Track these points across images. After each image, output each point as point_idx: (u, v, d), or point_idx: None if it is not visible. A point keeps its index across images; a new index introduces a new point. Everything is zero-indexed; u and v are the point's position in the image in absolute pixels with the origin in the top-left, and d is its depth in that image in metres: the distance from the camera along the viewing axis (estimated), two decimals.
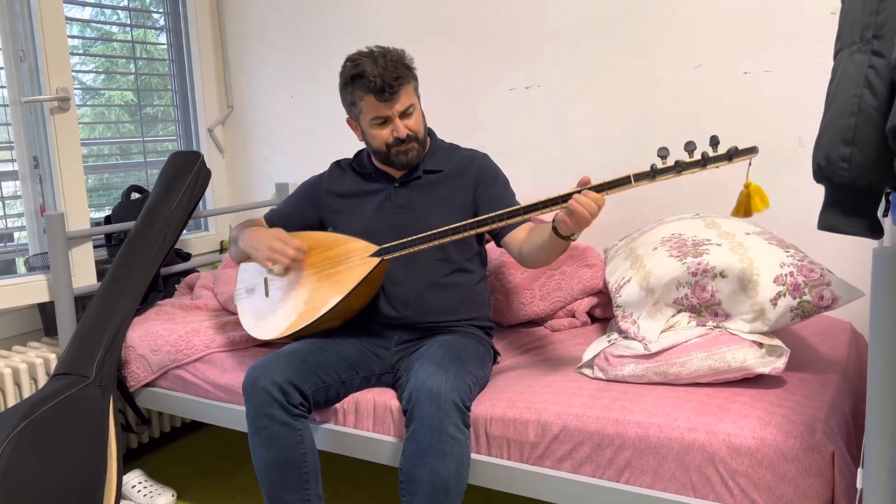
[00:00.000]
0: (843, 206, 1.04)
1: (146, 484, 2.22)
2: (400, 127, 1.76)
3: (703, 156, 1.38)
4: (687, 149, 1.39)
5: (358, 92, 1.74)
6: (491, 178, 1.86)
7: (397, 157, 1.80)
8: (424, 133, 1.85)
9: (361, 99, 1.75)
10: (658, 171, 1.42)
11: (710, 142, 1.37)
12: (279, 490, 1.63)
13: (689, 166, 1.40)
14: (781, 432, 1.33)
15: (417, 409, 1.50)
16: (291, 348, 1.72)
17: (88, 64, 2.70)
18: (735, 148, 1.36)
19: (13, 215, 2.38)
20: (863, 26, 0.98)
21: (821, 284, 1.53)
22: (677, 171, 1.40)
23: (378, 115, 1.75)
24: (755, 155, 1.36)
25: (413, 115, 1.79)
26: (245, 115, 3.02)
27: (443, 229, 1.62)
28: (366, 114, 1.77)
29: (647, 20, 2.21)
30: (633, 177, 1.43)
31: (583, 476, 1.48)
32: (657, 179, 1.42)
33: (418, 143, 1.81)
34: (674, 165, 1.41)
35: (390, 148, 1.79)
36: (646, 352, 1.60)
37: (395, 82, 1.71)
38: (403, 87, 1.74)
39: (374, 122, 1.77)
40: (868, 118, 0.96)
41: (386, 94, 1.71)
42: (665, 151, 1.40)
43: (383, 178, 1.89)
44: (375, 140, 1.80)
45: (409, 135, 1.78)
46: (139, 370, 2.11)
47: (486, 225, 1.58)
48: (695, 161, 1.39)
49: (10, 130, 2.34)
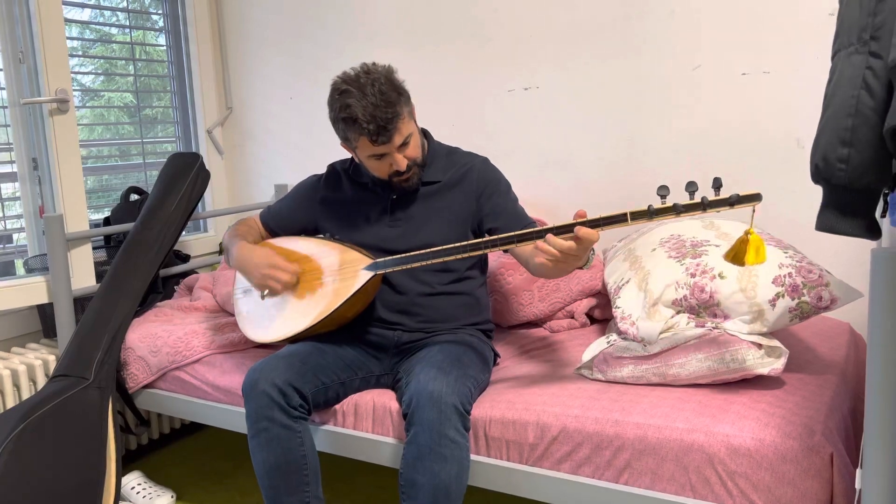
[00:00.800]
0: (841, 207, 1.04)
1: (145, 485, 2.22)
2: (399, 160, 1.70)
3: (703, 200, 1.34)
4: (688, 190, 1.35)
5: (351, 133, 1.67)
6: (493, 186, 1.82)
7: (399, 185, 1.77)
8: (424, 155, 1.81)
9: (357, 140, 1.68)
10: (655, 211, 1.38)
11: (713, 184, 1.33)
12: (279, 492, 1.62)
13: (687, 209, 1.35)
14: (780, 433, 1.34)
15: (418, 413, 1.49)
16: (290, 350, 1.72)
17: (87, 65, 2.70)
18: (737, 195, 1.31)
19: (12, 217, 2.38)
20: (860, 28, 0.98)
21: (819, 285, 1.53)
22: (675, 213, 1.36)
23: (375, 153, 1.70)
24: (759, 202, 1.31)
25: (411, 143, 1.72)
26: (244, 116, 3.02)
27: (436, 249, 1.58)
28: (362, 151, 1.71)
29: (645, 21, 2.21)
30: (629, 214, 1.39)
31: (582, 477, 1.48)
32: (654, 219, 1.38)
33: (418, 168, 1.78)
34: (672, 207, 1.36)
35: (390, 178, 1.76)
36: (645, 353, 1.60)
37: (389, 124, 1.63)
38: (398, 124, 1.65)
39: (371, 158, 1.72)
40: (866, 119, 0.96)
41: (382, 138, 1.65)
42: (665, 191, 1.36)
43: (380, 188, 1.85)
44: (375, 171, 1.76)
45: (409, 164, 1.74)
46: (138, 372, 2.11)
47: (480, 249, 1.54)
48: (694, 204, 1.35)
49: (9, 132, 2.34)
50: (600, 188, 2.35)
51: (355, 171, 1.91)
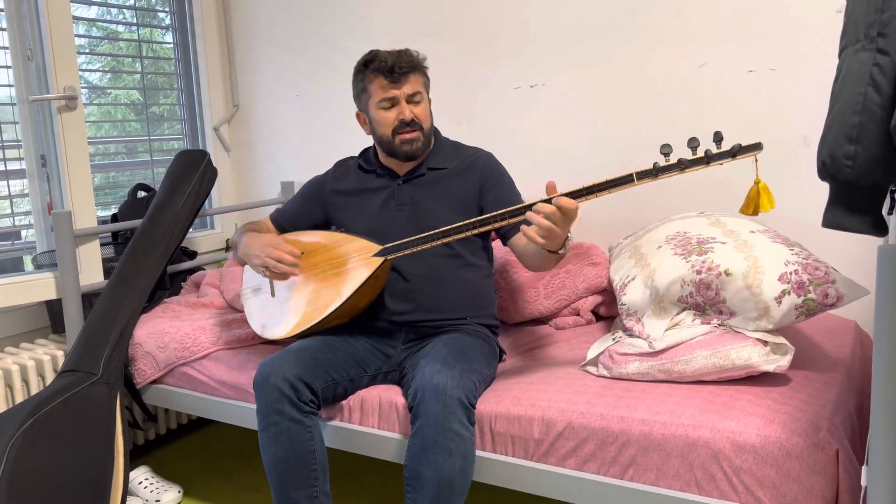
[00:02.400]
0: (847, 203, 1.04)
1: (153, 480, 2.24)
2: (406, 110, 1.78)
3: (707, 153, 1.38)
4: (690, 146, 1.38)
5: (369, 75, 1.79)
6: (497, 177, 1.87)
7: (401, 147, 1.81)
8: (430, 129, 1.86)
9: (371, 82, 1.79)
10: (661, 168, 1.41)
11: (714, 138, 1.36)
12: (287, 486, 1.63)
13: (692, 164, 1.39)
14: (786, 430, 1.34)
15: (423, 406, 1.50)
16: (301, 345, 1.73)
17: (95, 63, 2.71)
18: (739, 145, 1.35)
19: (21, 213, 2.39)
20: (867, 24, 0.98)
21: (826, 282, 1.53)
22: (680, 169, 1.40)
23: (386, 96, 1.77)
24: (760, 151, 1.35)
25: (420, 105, 1.81)
26: (251, 113, 3.03)
27: (444, 229, 1.62)
28: (374, 97, 1.79)
29: (651, 19, 2.21)
30: (635, 175, 1.42)
31: (587, 473, 1.48)
32: (660, 177, 1.41)
33: (423, 135, 1.82)
34: (677, 163, 1.40)
35: (395, 134, 1.80)
36: (650, 349, 1.60)
37: (405, 65, 1.76)
38: (413, 74, 1.78)
39: (381, 104, 1.79)
40: (872, 116, 0.96)
41: (395, 75, 1.76)
42: (668, 148, 1.39)
43: (388, 174, 1.89)
44: (381, 126, 1.81)
45: (415, 120, 1.79)
46: (146, 367, 2.12)
47: (487, 224, 1.58)
48: (698, 158, 1.39)
49: (17, 129, 2.35)
50: None
51: (364, 160, 1.95)
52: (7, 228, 2.39)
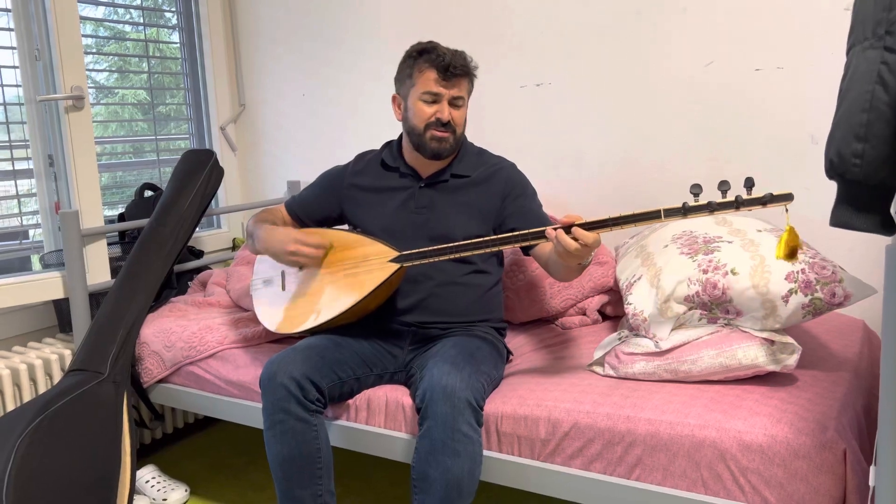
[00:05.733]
0: (855, 202, 1.03)
1: (160, 479, 2.24)
2: (446, 111, 1.77)
3: (738, 198, 1.35)
4: (721, 188, 1.35)
5: (421, 64, 1.77)
6: (520, 189, 1.86)
7: (430, 143, 1.79)
8: (462, 134, 1.86)
9: (421, 72, 1.77)
10: (689, 208, 1.39)
11: (745, 184, 1.34)
12: (292, 485, 1.64)
13: (721, 207, 1.36)
14: (793, 430, 1.33)
15: (431, 408, 1.50)
16: (308, 343, 1.73)
17: (102, 63, 2.72)
18: (770, 194, 1.32)
19: (28, 213, 2.40)
20: (875, 22, 0.98)
21: (833, 282, 1.53)
22: (710, 211, 1.37)
23: (431, 90, 1.76)
24: (791, 202, 1.32)
25: (460, 109, 1.81)
26: (257, 113, 3.04)
27: (463, 243, 1.61)
28: (419, 87, 1.78)
29: (658, 17, 2.20)
30: (663, 211, 1.40)
31: (593, 473, 1.48)
32: (688, 216, 1.40)
33: (454, 138, 1.81)
34: (707, 205, 1.37)
35: (427, 129, 1.79)
36: (657, 349, 1.60)
37: (459, 67, 1.76)
38: (464, 78, 1.78)
39: (424, 96, 1.78)
40: (880, 114, 0.96)
41: (448, 74, 1.75)
42: (698, 189, 1.38)
43: (410, 175, 1.88)
44: (416, 117, 1.79)
45: (451, 123, 1.79)
46: (153, 366, 2.13)
47: (507, 244, 1.57)
48: (728, 202, 1.36)
49: (25, 129, 2.36)
50: (612, 184, 2.34)
51: (387, 156, 1.93)
52: (15, 228, 2.40)
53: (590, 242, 1.43)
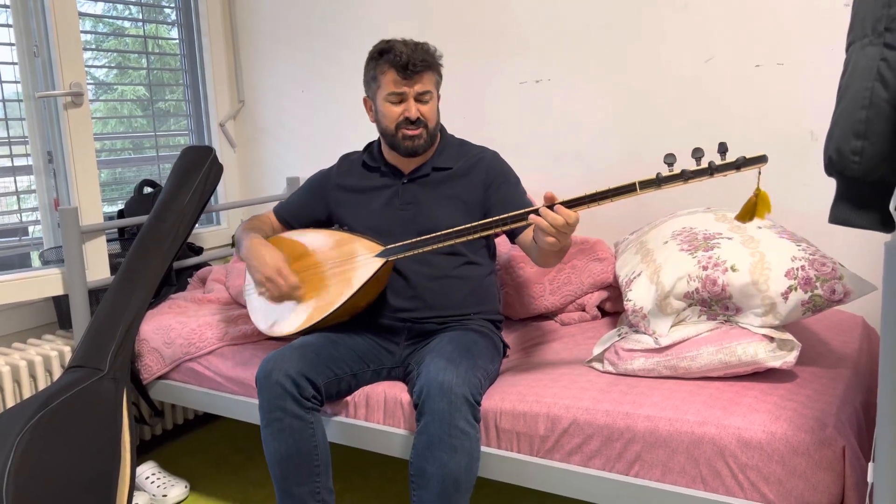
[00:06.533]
0: (854, 199, 1.03)
1: (159, 475, 2.25)
2: (412, 108, 1.77)
3: (711, 164, 1.36)
4: (694, 156, 1.36)
5: (382, 66, 1.76)
6: (502, 177, 1.85)
7: (403, 142, 1.80)
8: (435, 127, 1.85)
9: (383, 73, 1.76)
10: (664, 178, 1.40)
11: (719, 149, 1.35)
12: (290, 482, 1.64)
13: (695, 175, 1.38)
14: (792, 426, 1.33)
15: (428, 404, 1.50)
16: (304, 341, 1.73)
17: (101, 59, 2.71)
18: (743, 158, 1.34)
19: (28, 209, 2.40)
20: (875, 19, 0.98)
21: (832, 278, 1.53)
22: (684, 180, 1.39)
23: (395, 91, 1.76)
24: (764, 164, 1.34)
25: (428, 104, 1.79)
26: (256, 109, 3.04)
27: (446, 232, 1.62)
28: (383, 89, 1.78)
29: (658, 13, 2.20)
30: (638, 184, 1.41)
31: (592, 469, 1.48)
32: (663, 187, 1.40)
33: (427, 134, 1.81)
34: (680, 174, 1.39)
35: (398, 129, 1.79)
36: (656, 346, 1.60)
37: (419, 63, 1.74)
38: (426, 72, 1.76)
39: (389, 97, 1.77)
40: (880, 111, 0.96)
41: (408, 72, 1.74)
42: (672, 158, 1.39)
43: (392, 173, 1.89)
44: (386, 118, 1.80)
45: (420, 119, 1.78)
46: (152, 363, 2.13)
47: (489, 229, 1.57)
48: (702, 169, 1.37)
49: (24, 125, 2.36)
50: (612, 180, 2.34)
51: (369, 157, 1.94)
52: (14, 224, 2.40)
53: (571, 221, 1.45)
